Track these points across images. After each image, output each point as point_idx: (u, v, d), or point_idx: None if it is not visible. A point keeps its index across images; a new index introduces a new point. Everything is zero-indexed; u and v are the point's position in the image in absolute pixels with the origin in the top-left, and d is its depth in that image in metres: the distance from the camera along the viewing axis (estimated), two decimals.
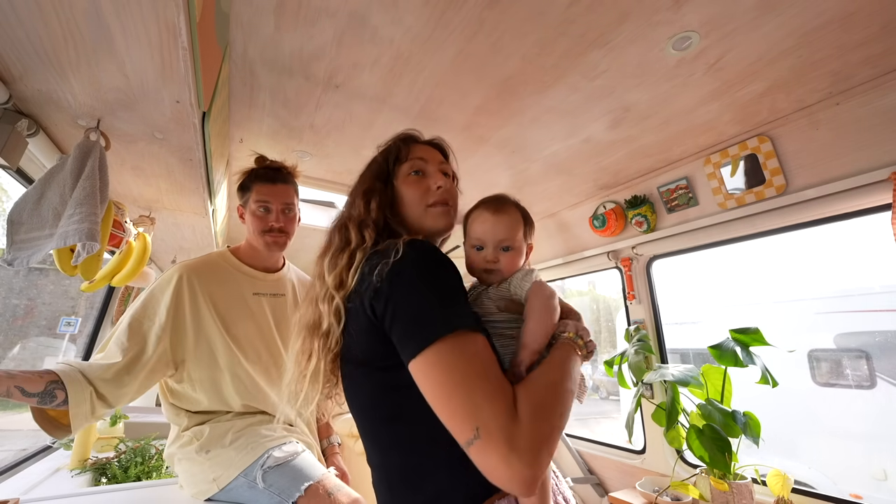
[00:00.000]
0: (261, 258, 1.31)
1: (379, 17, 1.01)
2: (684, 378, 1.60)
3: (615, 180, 1.94)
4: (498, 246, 0.79)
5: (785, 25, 1.03)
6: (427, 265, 0.63)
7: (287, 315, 1.32)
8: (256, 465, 1.08)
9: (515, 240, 0.79)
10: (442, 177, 0.81)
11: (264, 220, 1.23)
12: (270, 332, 1.27)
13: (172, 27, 0.73)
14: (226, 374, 1.17)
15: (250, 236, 1.28)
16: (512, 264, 0.79)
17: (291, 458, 1.11)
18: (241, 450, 1.11)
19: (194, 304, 1.17)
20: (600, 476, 2.19)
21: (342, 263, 0.70)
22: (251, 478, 1.07)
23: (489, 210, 0.80)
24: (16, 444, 2.14)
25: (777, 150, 1.47)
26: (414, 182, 0.80)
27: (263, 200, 1.24)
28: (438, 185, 0.79)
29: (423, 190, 0.79)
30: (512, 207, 0.82)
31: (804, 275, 3.54)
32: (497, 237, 0.79)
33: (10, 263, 0.94)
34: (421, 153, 0.83)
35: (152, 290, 1.17)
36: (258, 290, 1.28)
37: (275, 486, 1.04)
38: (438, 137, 0.90)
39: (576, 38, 1.07)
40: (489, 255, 0.79)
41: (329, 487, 1.05)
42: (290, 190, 1.29)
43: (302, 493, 1.02)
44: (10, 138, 0.99)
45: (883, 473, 2.76)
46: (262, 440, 1.13)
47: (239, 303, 1.24)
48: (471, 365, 0.55)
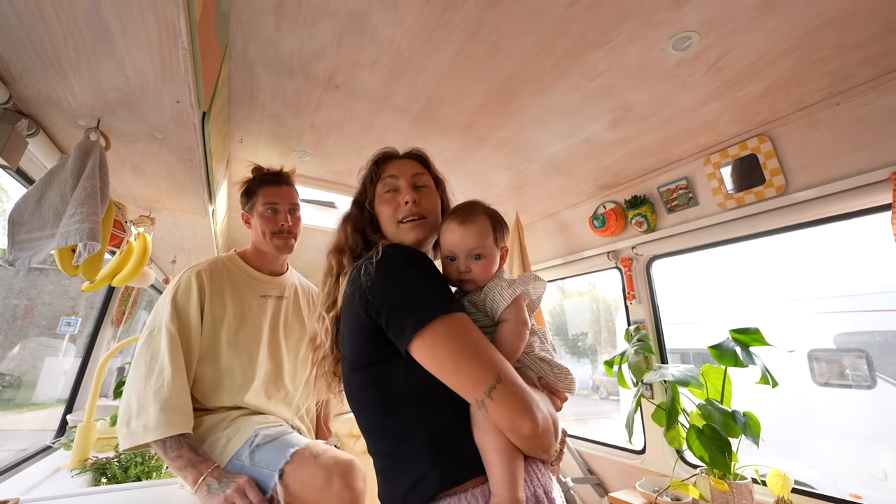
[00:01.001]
0: (268, 262, 1.33)
1: (379, 17, 1.01)
2: (684, 378, 1.60)
3: (615, 180, 1.94)
4: (469, 255, 0.81)
5: (785, 25, 1.03)
6: (408, 260, 0.72)
7: (289, 317, 1.34)
8: (246, 445, 1.07)
9: (485, 248, 0.81)
10: (411, 191, 0.84)
11: (273, 221, 1.26)
12: (274, 335, 1.28)
13: (172, 27, 0.73)
14: (225, 375, 1.18)
15: (258, 240, 1.29)
16: (484, 272, 0.81)
17: (281, 435, 1.10)
18: (232, 435, 1.10)
19: (210, 307, 1.19)
20: (600, 476, 2.19)
21: (329, 287, 0.82)
22: (242, 458, 1.05)
23: (456, 221, 0.82)
24: (16, 444, 2.14)
25: (777, 151, 1.47)
26: (387, 200, 0.85)
27: (271, 202, 1.26)
28: (406, 200, 0.83)
29: (395, 207, 0.84)
30: (480, 215, 0.83)
31: (804, 275, 3.55)
32: (466, 247, 0.80)
33: (12, 264, 0.95)
34: (392, 170, 0.87)
35: (175, 299, 1.15)
36: (264, 293, 1.30)
37: (262, 461, 1.03)
38: (416, 148, 0.94)
39: (576, 38, 1.07)
40: (461, 265, 0.81)
41: (316, 451, 1.03)
42: (293, 192, 1.33)
43: (289, 460, 1.00)
44: (10, 138, 0.99)
45: (883, 473, 2.76)
46: (253, 424, 1.13)
47: (246, 305, 1.25)
48: (473, 334, 0.66)
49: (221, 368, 1.18)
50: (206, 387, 1.17)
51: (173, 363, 1.07)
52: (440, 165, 1.76)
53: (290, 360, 1.29)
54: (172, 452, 1.01)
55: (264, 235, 1.26)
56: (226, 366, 1.18)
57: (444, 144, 1.62)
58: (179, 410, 1.04)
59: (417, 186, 0.87)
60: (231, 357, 1.19)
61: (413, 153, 0.93)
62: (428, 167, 0.93)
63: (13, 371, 4.88)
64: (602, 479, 2.18)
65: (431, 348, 0.64)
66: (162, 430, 1.00)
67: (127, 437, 1.02)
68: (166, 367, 1.06)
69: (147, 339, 1.11)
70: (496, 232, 0.83)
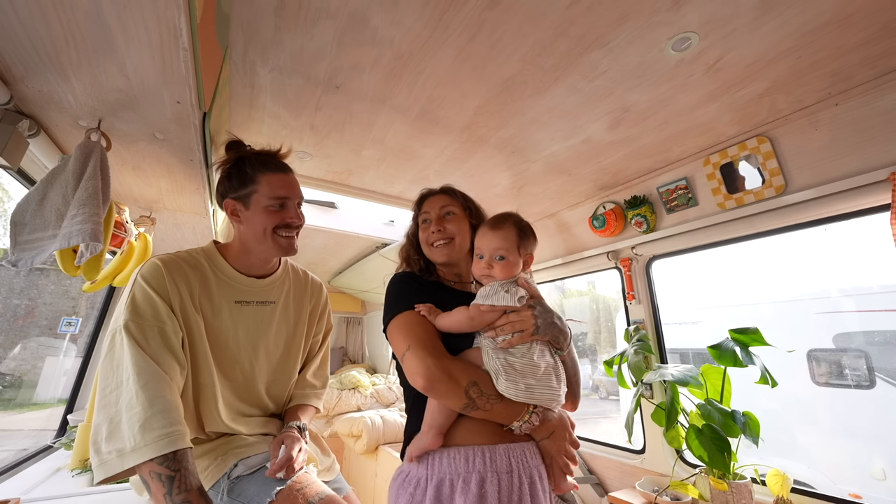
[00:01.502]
0: (256, 263, 1.12)
1: (379, 17, 1.01)
2: (684, 378, 1.60)
3: (615, 180, 1.95)
4: (493, 255, 0.95)
5: (784, 26, 1.03)
6: (394, 284, 1.05)
7: (273, 325, 1.14)
8: (224, 477, 0.96)
9: (508, 251, 0.95)
10: (437, 221, 1.11)
11: (281, 217, 1.05)
12: (247, 346, 1.09)
13: (173, 28, 0.74)
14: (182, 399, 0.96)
15: (253, 236, 1.06)
16: (504, 272, 0.94)
17: (263, 466, 0.98)
18: (210, 465, 0.98)
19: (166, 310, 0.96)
20: (600, 476, 2.19)
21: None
22: (218, 491, 0.94)
23: (489, 225, 1.00)
24: (16, 444, 2.14)
25: (776, 151, 1.47)
26: (423, 230, 1.13)
27: (281, 196, 1.05)
28: (433, 230, 1.10)
29: (427, 234, 1.11)
30: (509, 224, 0.98)
31: (804, 275, 3.55)
32: (492, 248, 0.95)
33: (15, 264, 0.95)
34: (427, 207, 1.14)
35: (147, 295, 0.93)
36: (241, 298, 1.09)
37: (243, 496, 0.92)
38: (445, 185, 1.20)
39: (575, 39, 1.08)
40: (486, 263, 0.96)
41: (301, 482, 0.94)
42: (298, 182, 1.14)
43: (273, 498, 0.88)
44: (11, 139, 0.99)
45: (882, 473, 2.76)
46: (234, 449, 1.01)
47: (214, 312, 1.04)
48: (409, 320, 0.94)
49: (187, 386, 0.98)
50: None
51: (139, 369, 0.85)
52: (440, 166, 1.79)
53: (269, 371, 1.14)
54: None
55: (265, 231, 1.04)
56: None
57: (444, 145, 1.62)
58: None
59: (444, 216, 1.11)
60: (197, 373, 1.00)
61: (443, 189, 1.19)
62: (454, 197, 1.15)
63: (14, 371, 4.88)
64: (602, 478, 2.18)
65: (390, 333, 0.96)
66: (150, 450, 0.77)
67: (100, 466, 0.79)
68: (131, 376, 0.83)
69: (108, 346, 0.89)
70: (521, 240, 0.97)
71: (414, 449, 0.87)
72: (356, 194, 2.09)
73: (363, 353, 4.74)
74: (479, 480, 0.80)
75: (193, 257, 1.06)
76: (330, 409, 3.42)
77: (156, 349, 0.89)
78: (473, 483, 0.79)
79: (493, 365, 0.88)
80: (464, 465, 0.82)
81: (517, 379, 0.85)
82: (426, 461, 0.86)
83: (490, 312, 0.90)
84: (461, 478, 0.81)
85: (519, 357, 0.87)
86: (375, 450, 2.83)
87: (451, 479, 0.81)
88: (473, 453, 0.83)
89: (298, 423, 1.12)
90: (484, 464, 0.82)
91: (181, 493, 0.77)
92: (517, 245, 0.96)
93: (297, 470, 0.96)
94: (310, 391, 1.26)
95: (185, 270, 1.02)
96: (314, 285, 1.30)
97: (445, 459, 0.84)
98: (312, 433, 1.25)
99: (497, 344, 0.89)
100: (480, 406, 0.84)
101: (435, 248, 1.08)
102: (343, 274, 3.71)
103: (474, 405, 0.84)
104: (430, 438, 0.85)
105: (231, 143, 1.11)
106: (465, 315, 0.91)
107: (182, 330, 0.97)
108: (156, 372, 0.85)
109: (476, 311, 0.91)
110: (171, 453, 0.78)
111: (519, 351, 0.88)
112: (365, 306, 4.72)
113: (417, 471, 0.86)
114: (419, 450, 0.86)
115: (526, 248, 0.98)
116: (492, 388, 0.86)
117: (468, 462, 0.82)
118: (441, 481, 0.82)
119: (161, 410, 0.81)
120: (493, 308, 0.90)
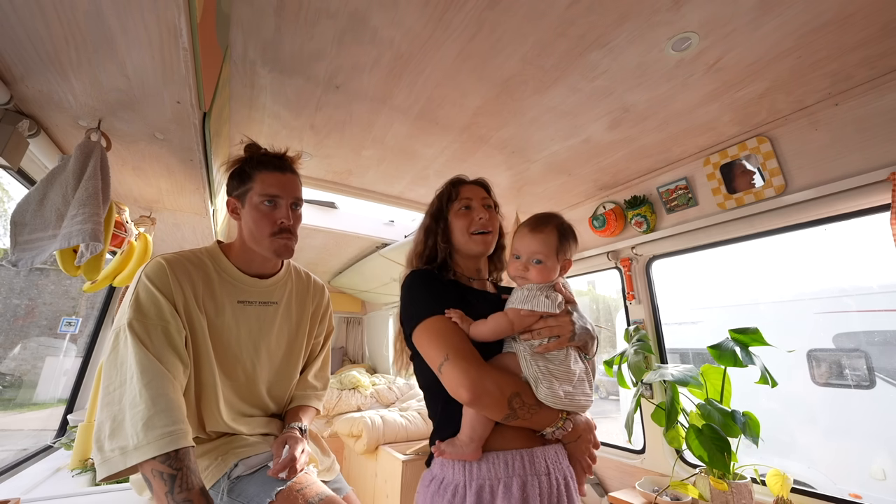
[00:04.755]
0: (256, 262, 1.11)
1: (379, 17, 1.01)
2: (684, 378, 1.60)
3: (615, 180, 1.95)
4: (530, 258, 0.93)
5: (784, 26, 1.03)
6: (415, 283, 0.96)
7: (275, 325, 1.14)
8: (224, 477, 0.95)
9: (546, 255, 0.92)
10: (483, 210, 1.04)
11: (271, 218, 1.03)
12: (249, 347, 1.09)
13: (173, 28, 0.74)
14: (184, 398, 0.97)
15: (250, 238, 1.07)
16: (540, 276, 0.92)
17: (264, 466, 0.99)
18: (210, 464, 0.98)
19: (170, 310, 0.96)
20: (600, 476, 2.19)
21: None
22: (218, 491, 0.94)
23: (528, 227, 0.96)
24: (16, 443, 2.14)
25: (776, 151, 1.47)
26: (462, 216, 1.03)
27: (271, 193, 1.03)
28: (480, 216, 1.02)
29: (469, 221, 1.02)
30: (550, 227, 0.94)
31: (804, 275, 3.56)
32: (529, 250, 0.93)
33: (15, 264, 0.95)
34: (467, 192, 1.06)
35: (151, 294, 0.93)
36: (244, 298, 1.09)
37: (243, 496, 0.92)
38: (482, 178, 1.13)
39: (575, 39, 1.08)
40: (522, 265, 0.94)
41: (301, 482, 0.94)
42: (298, 182, 1.10)
43: (273, 498, 0.88)
44: (11, 139, 0.99)
45: (882, 473, 2.76)
46: (235, 449, 1.01)
47: (218, 312, 1.04)
48: (439, 326, 0.88)
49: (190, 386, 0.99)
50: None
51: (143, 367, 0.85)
52: (440, 166, 1.79)
53: (270, 372, 1.14)
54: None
55: (259, 235, 1.04)
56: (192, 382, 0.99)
57: (444, 144, 1.62)
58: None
59: (486, 206, 1.05)
60: (200, 373, 1.00)
61: (480, 181, 1.12)
62: (490, 193, 1.11)
63: (14, 371, 4.88)
64: (602, 478, 2.18)
65: (418, 339, 0.89)
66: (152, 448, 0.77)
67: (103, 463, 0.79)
68: (135, 375, 0.84)
69: (112, 345, 0.89)
70: (561, 244, 0.94)
71: (454, 458, 0.86)
72: (356, 194, 2.09)
73: (363, 353, 4.74)
74: (521, 484, 0.80)
75: (197, 257, 1.06)
76: (330, 409, 3.42)
77: (159, 348, 0.89)
78: (515, 487, 0.80)
79: (532, 371, 0.86)
80: (504, 470, 0.82)
81: (556, 386, 0.84)
82: (463, 467, 0.84)
83: (529, 317, 0.89)
84: (502, 482, 0.81)
85: (557, 364, 0.87)
86: (375, 450, 2.82)
87: (491, 485, 0.81)
88: (513, 457, 0.83)
89: (300, 425, 1.12)
90: (524, 467, 0.82)
91: (182, 491, 0.78)
92: (556, 250, 0.92)
93: (300, 471, 0.96)
94: (311, 392, 1.25)
95: (189, 270, 1.02)
96: (316, 287, 1.29)
97: (484, 465, 0.83)
98: (312, 433, 1.24)
99: (534, 348, 0.87)
100: (521, 416, 0.83)
101: (475, 237, 1.02)
102: (343, 274, 3.71)
103: (515, 415, 0.83)
104: (472, 451, 0.84)
105: (247, 145, 1.11)
106: (506, 321, 0.89)
107: (185, 329, 0.97)
108: (159, 370, 0.85)
109: (516, 316, 0.88)
110: (174, 452, 0.79)
111: (556, 358, 0.87)
112: (365, 306, 4.72)
113: (454, 477, 0.84)
114: (459, 459, 0.85)
115: (565, 254, 0.95)
116: (532, 397, 0.84)
117: (508, 466, 0.82)
118: (481, 487, 0.81)
119: (164, 409, 0.81)
120: (532, 313, 0.88)
